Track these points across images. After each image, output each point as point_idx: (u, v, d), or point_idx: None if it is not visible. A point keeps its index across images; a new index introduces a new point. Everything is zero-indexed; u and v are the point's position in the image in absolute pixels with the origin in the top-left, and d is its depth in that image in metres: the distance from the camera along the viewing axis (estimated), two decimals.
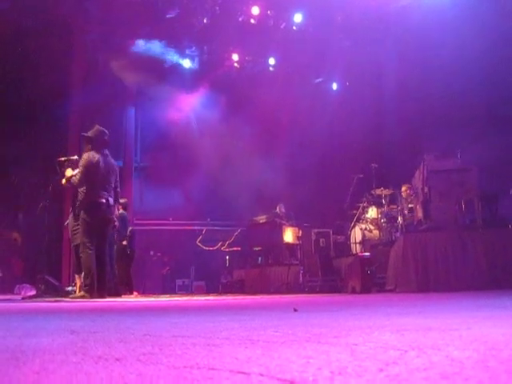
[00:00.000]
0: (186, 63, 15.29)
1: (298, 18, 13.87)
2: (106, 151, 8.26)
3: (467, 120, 11.26)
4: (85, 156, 8.10)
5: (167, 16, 13.37)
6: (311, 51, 14.70)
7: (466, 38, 10.79)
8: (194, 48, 14.91)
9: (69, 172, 8.22)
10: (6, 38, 12.28)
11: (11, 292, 11.69)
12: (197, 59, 15.21)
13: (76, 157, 8.43)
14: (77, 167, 8.19)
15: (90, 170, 7.97)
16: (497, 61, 10.82)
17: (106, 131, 8.36)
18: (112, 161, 8.38)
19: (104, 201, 8.03)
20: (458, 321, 2.63)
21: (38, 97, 13.51)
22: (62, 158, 8.48)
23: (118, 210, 9.86)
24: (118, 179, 8.47)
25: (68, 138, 13.95)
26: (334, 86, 16.24)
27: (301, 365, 1.34)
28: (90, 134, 8.31)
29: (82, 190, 8.07)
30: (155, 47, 14.49)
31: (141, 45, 14.10)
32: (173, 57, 14.97)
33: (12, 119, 13.25)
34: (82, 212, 8.06)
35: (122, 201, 10.70)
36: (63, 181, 8.37)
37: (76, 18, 12.89)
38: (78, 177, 8.00)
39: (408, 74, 12.41)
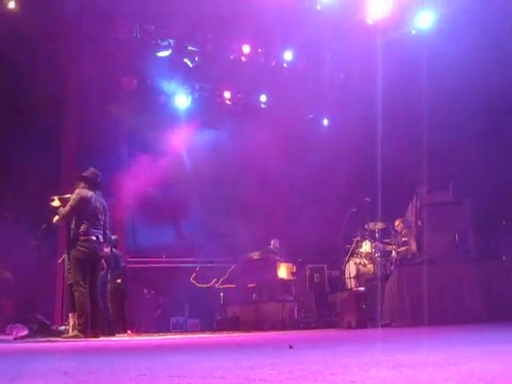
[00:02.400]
0: (179, 101, 15.41)
1: (288, 55, 14.08)
2: (99, 192, 8.35)
3: (459, 152, 11.37)
4: (77, 191, 8.16)
5: (159, 55, 13.54)
6: (302, 88, 14.88)
7: (458, 69, 10.97)
8: (186, 86, 15.06)
9: (56, 203, 8.22)
10: None
11: (3, 332, 11.52)
12: (189, 97, 15.34)
13: (68, 195, 8.44)
14: None
15: (80, 205, 8.01)
16: (490, 93, 10.98)
17: (99, 174, 8.47)
18: (104, 201, 8.46)
19: (94, 238, 8.06)
20: (455, 355, 2.61)
21: (30, 135, 13.55)
22: (55, 196, 8.48)
23: (108, 248, 9.81)
24: (107, 220, 8.53)
25: (60, 178, 13.93)
26: (325, 122, 16.39)
27: None
28: (84, 174, 8.42)
29: (72, 227, 8.08)
30: (147, 85, 14.62)
31: (133, 82, 14.23)
32: (165, 94, 15.09)
33: (2, 159, 13.25)
34: (72, 249, 8.06)
35: (112, 237, 10.68)
36: (54, 219, 8.38)
37: (69, 54, 12.99)
38: (66, 208, 8.03)
39: (399, 108, 12.56)
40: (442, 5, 11.50)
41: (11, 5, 11.27)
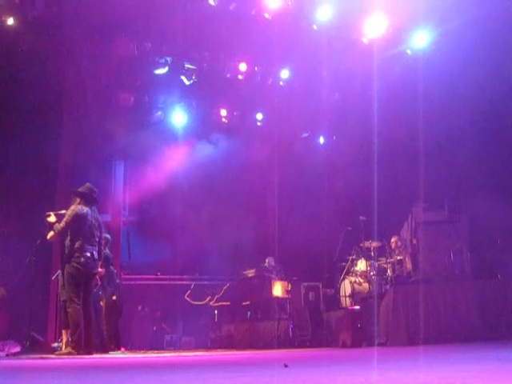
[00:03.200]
0: (175, 118, 15.45)
1: (284, 73, 14.16)
2: (94, 208, 8.35)
3: (455, 171, 11.41)
4: (72, 207, 8.15)
5: (156, 72, 13.60)
6: (298, 106, 14.95)
7: (453, 88, 11.05)
8: (182, 103, 15.11)
9: (52, 218, 8.20)
10: None
11: None
12: (185, 114, 15.39)
13: (64, 211, 8.42)
14: None
15: (76, 221, 8.01)
16: (486, 111, 11.06)
17: (96, 189, 8.47)
18: (99, 217, 8.47)
19: (89, 254, 8.03)
20: (452, 374, 2.60)
21: (25, 150, 13.55)
22: (50, 212, 8.45)
23: (102, 267, 9.77)
24: (102, 236, 8.54)
25: (56, 194, 13.90)
26: (321, 140, 16.45)
27: None
28: (80, 189, 8.43)
29: (67, 243, 8.07)
30: (144, 101, 14.67)
31: (130, 99, 14.28)
32: (162, 111, 15.14)
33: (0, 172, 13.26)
34: (66, 265, 8.03)
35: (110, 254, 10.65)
36: (49, 235, 8.36)
37: (66, 71, 13.04)
38: (62, 225, 8.01)
39: (395, 126, 12.62)
40: (438, 24, 11.60)
41: (10, 21, 11.32)
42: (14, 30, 11.49)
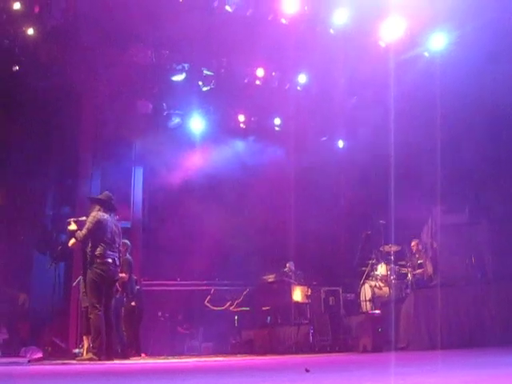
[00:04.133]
0: (193, 124, 15.53)
1: (302, 78, 14.16)
2: (113, 215, 8.47)
3: (475, 173, 11.30)
4: (93, 213, 8.19)
5: (173, 79, 13.69)
6: (316, 110, 14.94)
7: (472, 91, 10.94)
8: (200, 109, 15.18)
9: (72, 226, 8.25)
10: (17, 99, 12.58)
11: (17, 355, 11.53)
12: (203, 120, 15.45)
13: (84, 218, 8.48)
14: None
15: (98, 228, 8.05)
16: (505, 113, 10.93)
17: (113, 197, 8.56)
18: (118, 224, 8.58)
19: (110, 260, 8.07)
20: (473, 379, 2.57)
21: (46, 159, 13.71)
22: (71, 220, 8.52)
23: (124, 272, 9.83)
24: (121, 243, 8.63)
25: (76, 201, 14.03)
26: (340, 144, 16.38)
27: None
28: (99, 196, 8.53)
29: (89, 250, 8.12)
30: (162, 108, 14.76)
31: (148, 106, 14.38)
32: (180, 118, 15.22)
33: (19, 179, 13.41)
34: (88, 271, 8.07)
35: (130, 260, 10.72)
36: (70, 242, 8.40)
37: (85, 79, 13.16)
38: (83, 232, 8.05)
39: (413, 128, 12.54)
40: (456, 26, 11.51)
41: (30, 31, 11.49)
42: (33, 40, 11.66)
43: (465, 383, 2.32)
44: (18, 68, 12.19)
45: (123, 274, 9.48)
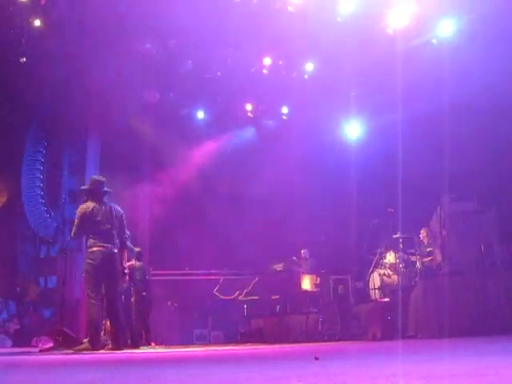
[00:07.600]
0: (200, 114, 15.52)
1: (309, 66, 14.10)
2: (105, 199, 8.19)
3: (484, 161, 11.24)
4: (78, 208, 8.12)
5: (180, 70, 13.66)
6: (323, 98, 14.87)
7: (481, 78, 10.85)
8: (207, 99, 15.16)
9: None
10: (26, 89, 12.63)
11: (28, 345, 11.63)
12: (210, 110, 15.44)
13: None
14: None
15: (84, 220, 7.96)
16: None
17: (103, 179, 8.34)
18: (114, 208, 8.21)
19: (100, 248, 7.97)
20: (484, 366, 2.57)
21: (52, 149, 13.77)
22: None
23: (132, 260, 9.83)
24: (123, 225, 8.33)
25: (82, 193, 14.06)
26: (348, 132, 16.29)
27: None
28: (84, 187, 8.44)
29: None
30: (170, 98, 14.75)
31: (155, 96, 14.37)
32: (186, 108, 15.22)
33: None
34: (83, 262, 8.12)
35: (136, 249, 10.72)
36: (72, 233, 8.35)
37: (92, 69, 13.14)
38: (73, 229, 8.06)
39: (421, 116, 12.46)
40: (464, 12, 11.40)
41: (36, 23, 11.50)
42: (40, 31, 11.67)
43: (475, 370, 2.31)
44: (25, 59, 12.22)
45: (131, 262, 9.48)
